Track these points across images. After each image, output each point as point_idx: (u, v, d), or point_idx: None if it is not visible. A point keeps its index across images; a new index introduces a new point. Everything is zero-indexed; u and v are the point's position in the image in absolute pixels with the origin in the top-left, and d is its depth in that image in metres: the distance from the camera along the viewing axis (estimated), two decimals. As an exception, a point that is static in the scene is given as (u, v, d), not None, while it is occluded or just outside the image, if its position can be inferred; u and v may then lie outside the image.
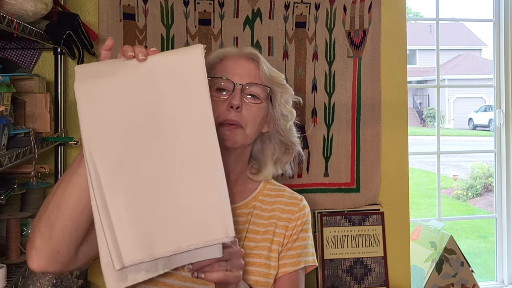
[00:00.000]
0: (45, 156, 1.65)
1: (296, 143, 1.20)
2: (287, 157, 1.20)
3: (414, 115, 17.42)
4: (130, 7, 1.70)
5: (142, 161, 0.78)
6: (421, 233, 2.19)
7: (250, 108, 1.08)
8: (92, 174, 0.76)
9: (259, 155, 1.19)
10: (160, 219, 0.77)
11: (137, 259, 0.75)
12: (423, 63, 17.51)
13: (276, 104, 1.15)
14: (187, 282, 1.04)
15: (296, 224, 1.16)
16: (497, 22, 2.44)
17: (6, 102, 1.12)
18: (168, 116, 0.79)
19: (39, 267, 0.86)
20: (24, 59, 1.65)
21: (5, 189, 1.20)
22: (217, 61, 1.14)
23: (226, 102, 1.07)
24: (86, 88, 0.78)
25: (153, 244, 0.76)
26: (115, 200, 0.75)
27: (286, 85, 1.17)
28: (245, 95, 1.09)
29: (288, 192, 1.21)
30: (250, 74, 1.11)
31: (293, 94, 1.19)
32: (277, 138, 1.18)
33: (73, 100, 1.70)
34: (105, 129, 0.77)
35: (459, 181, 8.52)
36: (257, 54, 1.14)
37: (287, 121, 1.18)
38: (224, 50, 1.15)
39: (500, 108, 2.44)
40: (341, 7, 1.87)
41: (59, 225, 0.84)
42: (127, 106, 0.78)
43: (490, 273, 3.78)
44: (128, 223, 0.75)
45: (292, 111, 1.19)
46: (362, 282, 1.88)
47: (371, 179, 1.92)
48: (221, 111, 1.06)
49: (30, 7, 1.19)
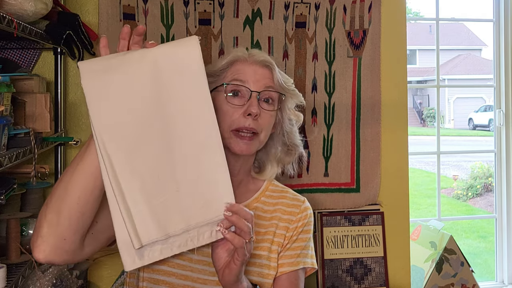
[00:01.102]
0: (45, 156, 1.65)
1: (299, 145, 1.21)
2: (289, 158, 1.21)
3: (414, 115, 17.42)
4: (130, 7, 1.70)
5: (152, 148, 0.84)
6: (421, 233, 2.19)
7: (264, 115, 1.09)
8: (106, 163, 0.81)
9: (263, 155, 1.20)
10: (171, 201, 0.84)
11: (153, 237, 0.82)
12: (423, 63, 17.52)
13: (286, 109, 1.17)
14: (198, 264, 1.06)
15: (297, 225, 1.16)
16: (497, 22, 2.44)
17: (6, 102, 1.13)
18: (173, 104, 0.85)
19: (45, 257, 0.87)
20: (24, 59, 1.65)
21: (5, 189, 1.20)
22: (228, 65, 1.13)
23: (242, 109, 1.07)
24: (94, 84, 0.82)
25: (166, 224, 0.84)
26: (130, 185, 0.82)
27: (296, 90, 1.18)
28: (261, 102, 1.09)
29: (291, 194, 1.21)
30: (265, 79, 1.11)
31: (301, 99, 1.20)
32: (280, 139, 1.19)
33: (73, 100, 1.71)
34: (116, 120, 0.82)
35: (459, 181, 8.52)
36: (271, 60, 1.13)
37: (292, 125, 1.19)
38: (235, 54, 1.14)
39: (500, 108, 2.44)
40: (341, 7, 1.87)
41: (66, 209, 0.86)
42: (134, 98, 0.84)
43: (490, 273, 3.78)
44: (143, 205, 0.82)
45: (299, 115, 1.21)
46: (362, 282, 1.88)
47: (371, 179, 1.92)
48: (237, 117, 1.06)
49: (30, 7, 1.19)
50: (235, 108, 1.07)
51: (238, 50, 1.15)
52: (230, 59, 1.13)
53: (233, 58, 1.13)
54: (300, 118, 1.21)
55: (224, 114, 1.07)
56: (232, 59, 1.13)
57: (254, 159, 1.18)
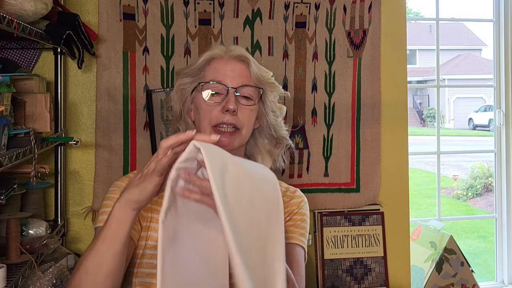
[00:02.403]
0: (45, 156, 1.65)
1: (286, 137, 1.23)
2: (277, 150, 1.23)
3: (414, 115, 17.42)
4: (130, 7, 1.70)
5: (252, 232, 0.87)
6: (421, 233, 2.19)
7: (244, 111, 1.11)
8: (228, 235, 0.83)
9: (253, 149, 1.22)
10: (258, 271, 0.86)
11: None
12: (423, 63, 17.51)
13: (267, 102, 1.18)
14: None
15: (290, 209, 1.17)
16: (497, 22, 2.44)
17: (6, 102, 1.13)
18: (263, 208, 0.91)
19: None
20: (24, 59, 1.65)
21: (5, 189, 1.20)
22: (205, 63, 1.15)
23: (220, 105, 1.10)
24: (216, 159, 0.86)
25: None
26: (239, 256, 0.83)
27: (275, 83, 1.19)
28: (239, 98, 1.11)
29: (283, 187, 1.23)
30: (241, 76, 1.12)
31: (282, 90, 1.22)
32: (267, 133, 1.21)
33: (73, 100, 1.71)
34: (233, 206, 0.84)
35: (459, 181, 8.52)
36: (246, 55, 1.15)
37: (277, 117, 1.21)
38: (212, 52, 1.16)
39: (500, 108, 2.44)
40: (341, 7, 1.87)
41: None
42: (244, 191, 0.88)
43: (490, 273, 3.77)
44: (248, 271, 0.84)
45: (281, 107, 1.22)
46: (362, 282, 1.88)
47: (371, 179, 1.92)
48: (215, 114, 1.09)
49: (30, 7, 1.19)
50: (214, 105, 1.10)
51: (215, 47, 1.17)
52: (206, 57, 1.15)
53: (209, 56, 1.14)
54: (283, 110, 1.23)
55: (203, 112, 1.10)
56: (208, 57, 1.14)
57: (243, 154, 1.20)
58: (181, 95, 1.18)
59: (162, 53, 1.73)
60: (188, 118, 1.19)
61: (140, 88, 1.71)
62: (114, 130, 1.69)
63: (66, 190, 1.68)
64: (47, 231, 1.42)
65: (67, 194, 1.70)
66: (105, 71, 1.69)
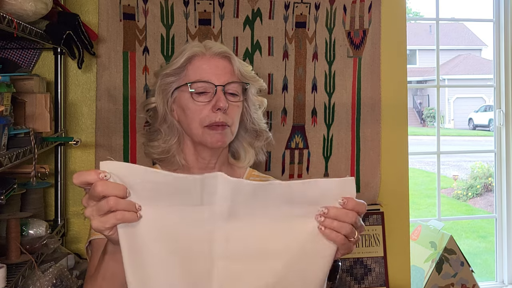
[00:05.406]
0: (45, 156, 1.65)
1: (266, 129, 1.24)
2: (258, 142, 1.23)
3: (414, 115, 17.42)
4: (130, 7, 1.70)
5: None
6: (421, 233, 2.19)
7: (232, 107, 1.11)
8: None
9: (235, 143, 1.21)
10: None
11: None
12: (423, 63, 17.49)
13: (250, 95, 1.18)
14: None
15: None
16: (497, 22, 2.44)
17: (6, 102, 1.13)
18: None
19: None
20: (24, 59, 1.65)
21: (5, 189, 1.20)
22: (186, 62, 1.13)
23: (209, 104, 1.09)
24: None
25: None
26: None
27: (256, 76, 1.19)
28: (227, 95, 1.11)
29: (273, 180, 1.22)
30: (226, 73, 1.12)
31: (262, 83, 1.21)
32: (250, 127, 1.21)
33: (73, 100, 1.71)
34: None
35: (459, 181, 8.52)
36: (228, 51, 1.14)
37: (257, 109, 1.21)
38: (192, 50, 1.13)
39: (500, 108, 2.44)
40: (341, 7, 1.87)
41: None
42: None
43: (490, 273, 3.78)
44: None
45: (262, 100, 1.23)
46: (362, 282, 1.88)
47: (371, 179, 1.92)
48: (206, 114, 1.09)
49: (30, 7, 1.19)
50: (203, 105, 1.09)
51: (193, 45, 1.15)
52: (187, 55, 1.12)
53: (190, 55, 1.13)
54: (264, 102, 1.23)
55: (192, 112, 1.09)
56: (189, 55, 1.12)
57: (228, 150, 1.20)
58: (163, 96, 1.15)
59: (162, 53, 1.73)
60: (172, 118, 1.16)
61: (140, 88, 1.71)
62: (114, 130, 1.69)
63: (66, 190, 1.68)
64: (47, 231, 1.41)
65: (67, 194, 1.70)
66: (105, 71, 1.69)
